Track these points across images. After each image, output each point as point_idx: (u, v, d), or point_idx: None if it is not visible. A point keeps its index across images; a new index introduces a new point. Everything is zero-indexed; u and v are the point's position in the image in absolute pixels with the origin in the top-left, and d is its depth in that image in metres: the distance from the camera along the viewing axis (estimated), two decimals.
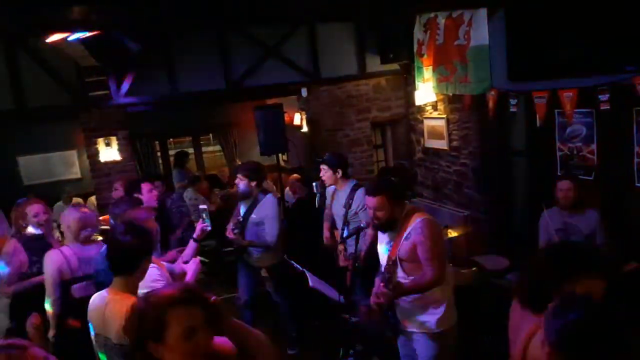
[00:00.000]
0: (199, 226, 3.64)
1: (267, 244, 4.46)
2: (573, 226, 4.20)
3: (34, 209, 3.85)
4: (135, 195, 4.28)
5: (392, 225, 3.10)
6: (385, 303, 3.01)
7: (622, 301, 3.56)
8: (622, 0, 4.12)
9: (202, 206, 3.88)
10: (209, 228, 3.67)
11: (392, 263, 3.08)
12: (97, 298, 2.48)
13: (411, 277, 3.06)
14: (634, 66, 4.01)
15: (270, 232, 4.45)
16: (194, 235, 3.61)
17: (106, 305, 2.38)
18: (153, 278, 2.84)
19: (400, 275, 3.09)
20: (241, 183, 4.50)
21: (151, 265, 2.92)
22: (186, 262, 3.42)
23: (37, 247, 3.75)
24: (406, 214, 3.09)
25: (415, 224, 3.01)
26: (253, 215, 4.51)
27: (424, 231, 2.97)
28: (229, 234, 4.50)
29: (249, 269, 4.70)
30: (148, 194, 4.33)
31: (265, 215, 4.48)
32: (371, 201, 3.08)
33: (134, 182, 4.66)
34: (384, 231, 3.19)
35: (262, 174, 4.69)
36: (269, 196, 4.59)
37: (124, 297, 2.35)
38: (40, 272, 3.56)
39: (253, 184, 4.49)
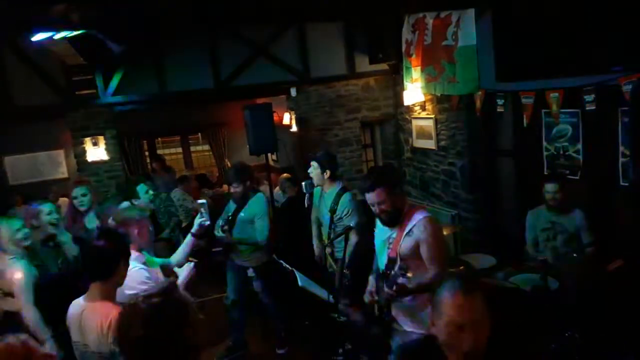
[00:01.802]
0: (197, 221, 3.55)
1: (257, 242, 4.45)
2: (559, 225, 4.25)
3: None
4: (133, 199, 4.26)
5: (398, 217, 3.01)
6: (382, 301, 2.98)
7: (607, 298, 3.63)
8: (608, 2, 4.16)
9: (200, 200, 3.82)
10: (208, 223, 3.59)
11: (393, 261, 3.03)
12: (75, 306, 2.43)
13: (411, 275, 3.02)
14: (619, 67, 4.05)
15: (261, 230, 4.44)
16: (193, 231, 3.52)
17: (82, 313, 2.35)
18: (140, 280, 2.82)
19: (400, 272, 3.05)
20: (237, 189, 4.49)
21: (140, 266, 2.90)
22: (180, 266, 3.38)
23: None
24: (407, 210, 3.02)
25: (417, 221, 2.93)
26: (242, 214, 4.50)
27: (428, 229, 2.90)
28: (217, 232, 4.49)
29: (237, 269, 4.69)
30: (145, 195, 4.31)
31: (255, 213, 4.47)
32: (371, 197, 2.98)
33: (127, 184, 4.63)
34: (391, 225, 3.07)
35: (251, 172, 4.70)
36: (259, 195, 4.59)
37: (101, 304, 2.32)
38: None
39: (248, 183, 4.50)
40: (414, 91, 6.43)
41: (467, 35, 5.21)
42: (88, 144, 6.32)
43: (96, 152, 6.36)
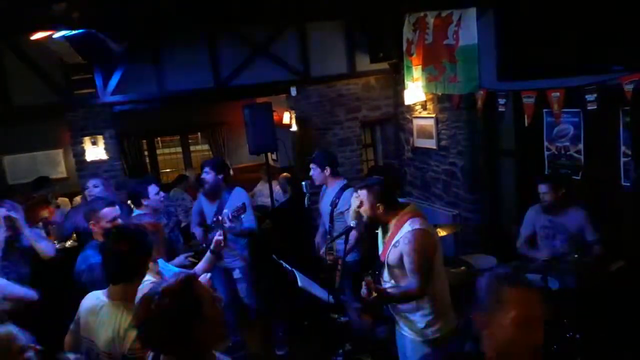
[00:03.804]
0: (215, 237, 3.43)
1: (252, 230, 4.56)
2: (559, 224, 4.23)
3: None
4: (142, 199, 4.22)
5: (374, 225, 3.12)
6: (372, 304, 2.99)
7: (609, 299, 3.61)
8: (609, 2, 4.15)
9: (219, 216, 3.86)
10: (223, 243, 3.52)
11: (381, 265, 3.07)
12: (92, 298, 2.35)
13: (397, 283, 3.04)
14: (621, 66, 4.04)
15: (249, 219, 4.50)
16: (211, 247, 3.42)
17: (100, 309, 2.27)
18: None
19: (387, 279, 3.08)
20: (208, 176, 4.59)
21: (151, 279, 2.72)
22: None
23: None
24: (399, 219, 3.03)
25: (405, 233, 2.95)
26: (225, 210, 4.51)
27: (412, 243, 2.90)
28: (225, 223, 4.43)
29: (222, 272, 4.67)
30: (155, 196, 4.25)
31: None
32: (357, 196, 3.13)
33: (138, 185, 4.49)
34: (364, 229, 3.21)
35: (228, 169, 4.79)
36: (237, 188, 4.70)
37: (122, 305, 2.25)
38: None
39: (220, 176, 4.60)
40: (415, 90, 6.41)
41: (468, 35, 5.20)
42: (87, 143, 6.30)
43: (95, 151, 6.33)
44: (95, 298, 2.34)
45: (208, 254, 3.43)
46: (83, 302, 2.38)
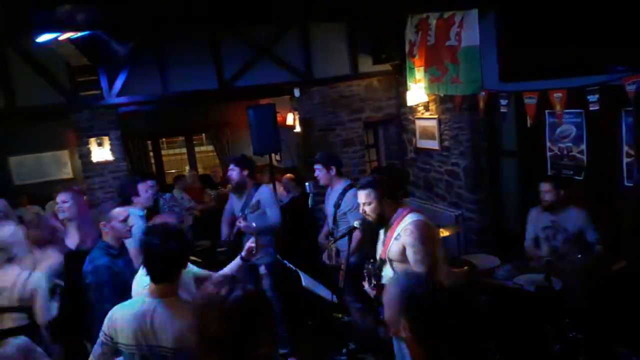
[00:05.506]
0: (247, 245, 3.37)
1: (274, 226, 4.59)
2: (558, 224, 4.25)
3: None
4: (132, 196, 4.27)
5: (382, 222, 3.11)
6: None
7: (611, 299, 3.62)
8: (611, 2, 4.16)
9: (253, 224, 3.89)
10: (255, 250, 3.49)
11: (381, 262, 3.09)
12: (134, 305, 2.28)
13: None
14: (623, 67, 4.05)
15: (273, 215, 4.56)
16: (242, 254, 3.35)
17: (154, 311, 2.21)
18: None
19: (391, 275, 3.09)
20: (233, 172, 4.62)
21: None
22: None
23: None
24: (399, 214, 3.08)
25: (405, 225, 2.99)
26: (250, 207, 4.58)
27: (414, 233, 2.93)
28: (239, 222, 4.53)
29: (247, 268, 4.72)
30: (145, 194, 4.33)
31: (263, 204, 4.59)
32: (359, 195, 3.15)
33: (128, 183, 4.62)
34: (376, 228, 3.20)
35: (253, 164, 4.83)
36: (263, 186, 4.75)
37: (174, 300, 2.24)
38: None
39: (245, 172, 4.63)
40: (417, 91, 6.43)
41: (470, 36, 5.21)
42: (93, 144, 6.34)
43: (101, 152, 6.37)
44: (140, 303, 2.27)
45: (238, 259, 3.33)
46: (116, 314, 2.28)
